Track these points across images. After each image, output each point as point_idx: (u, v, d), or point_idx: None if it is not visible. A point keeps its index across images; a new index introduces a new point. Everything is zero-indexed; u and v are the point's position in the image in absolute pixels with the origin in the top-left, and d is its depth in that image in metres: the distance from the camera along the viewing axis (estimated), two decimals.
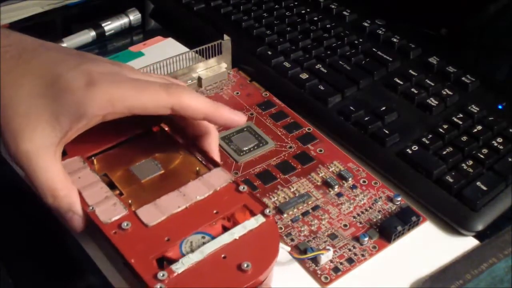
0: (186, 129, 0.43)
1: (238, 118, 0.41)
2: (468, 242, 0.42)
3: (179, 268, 0.34)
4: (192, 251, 0.36)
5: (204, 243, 0.36)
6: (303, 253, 0.40)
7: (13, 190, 0.46)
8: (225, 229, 0.38)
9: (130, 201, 0.39)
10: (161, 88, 0.38)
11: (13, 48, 0.39)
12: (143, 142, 0.43)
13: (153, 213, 0.38)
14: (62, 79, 0.37)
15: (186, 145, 0.43)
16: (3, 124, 0.37)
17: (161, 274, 0.34)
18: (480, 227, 0.42)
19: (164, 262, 0.36)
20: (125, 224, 0.37)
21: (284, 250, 0.39)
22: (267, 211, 0.38)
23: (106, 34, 0.64)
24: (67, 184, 0.38)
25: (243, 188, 0.39)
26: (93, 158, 0.41)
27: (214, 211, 0.38)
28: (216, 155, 0.42)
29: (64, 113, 0.37)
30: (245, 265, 0.34)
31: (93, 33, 0.63)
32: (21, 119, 0.37)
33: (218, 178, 0.40)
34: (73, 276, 0.41)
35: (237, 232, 0.36)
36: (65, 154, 0.43)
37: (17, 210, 0.45)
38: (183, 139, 0.44)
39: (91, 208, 0.38)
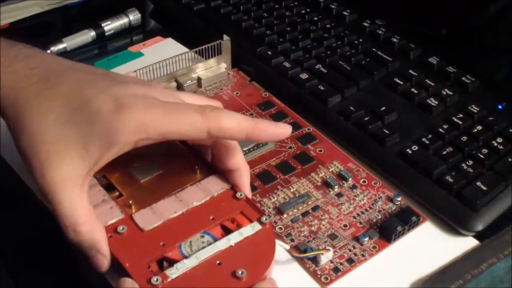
0: (216, 165, 0.41)
1: (283, 130, 0.39)
2: (468, 242, 0.42)
3: (173, 273, 0.34)
4: (192, 250, 0.36)
5: (203, 242, 0.36)
6: (303, 253, 0.40)
7: (14, 191, 0.46)
8: (224, 228, 0.38)
9: (131, 202, 0.39)
10: (196, 111, 0.36)
11: (41, 71, 0.37)
12: None
13: (149, 218, 0.38)
14: (90, 103, 0.35)
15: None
16: (30, 151, 0.35)
17: (155, 279, 0.34)
18: (480, 227, 0.42)
19: (164, 263, 0.36)
20: (121, 228, 0.37)
21: (283, 249, 0.40)
22: (263, 218, 0.38)
23: (106, 34, 0.64)
24: (91, 219, 0.36)
25: (240, 195, 0.39)
26: None
27: (211, 217, 0.38)
28: (247, 191, 0.40)
29: (94, 141, 0.35)
30: (240, 272, 0.34)
31: (93, 33, 0.63)
32: (49, 146, 0.35)
33: (215, 184, 0.40)
34: (73, 277, 0.41)
35: (233, 239, 0.37)
36: None
37: (18, 211, 0.45)
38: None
39: None
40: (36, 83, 0.37)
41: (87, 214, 0.36)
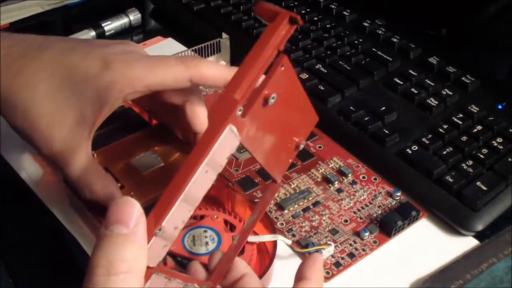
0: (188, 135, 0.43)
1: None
2: (468, 242, 0.42)
3: None
4: (194, 244, 0.36)
5: (206, 237, 0.37)
6: (305, 248, 0.40)
7: (13, 189, 0.46)
8: (227, 223, 0.38)
9: (132, 193, 0.39)
10: (177, 61, 0.37)
11: (17, 48, 0.38)
12: (143, 136, 0.44)
13: None
14: (76, 69, 0.36)
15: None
16: (28, 127, 0.36)
17: None
18: (480, 227, 0.42)
19: (167, 256, 0.36)
20: None
21: (285, 244, 0.40)
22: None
23: (106, 34, 0.64)
24: (101, 177, 0.38)
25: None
26: (93, 152, 0.42)
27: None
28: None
29: (87, 105, 0.36)
30: None
31: (93, 33, 0.63)
32: (46, 120, 0.36)
33: None
34: (72, 276, 0.41)
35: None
36: None
37: (17, 210, 0.45)
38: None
39: None
40: (15, 60, 0.37)
41: (96, 174, 0.38)
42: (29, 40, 0.39)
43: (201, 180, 0.27)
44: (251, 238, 0.37)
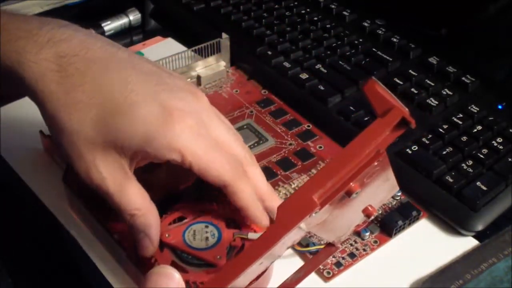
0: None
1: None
2: (468, 242, 0.42)
3: None
4: (195, 239, 0.36)
5: (206, 232, 0.37)
6: (305, 248, 0.40)
7: (13, 190, 0.46)
8: (227, 220, 0.38)
9: None
10: (230, 169, 0.36)
11: (79, 59, 0.35)
12: None
13: None
14: (136, 108, 0.34)
15: None
16: (72, 151, 0.34)
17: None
18: (480, 227, 0.42)
19: (165, 249, 0.37)
20: None
21: None
22: None
23: (106, 34, 0.64)
24: (145, 204, 0.36)
25: None
26: None
27: None
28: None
29: (132, 144, 0.34)
30: None
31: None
32: (90, 147, 0.34)
33: None
34: (72, 276, 0.41)
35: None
36: None
37: (17, 210, 0.45)
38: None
39: None
40: (72, 75, 0.34)
41: (140, 199, 0.36)
42: (94, 51, 0.36)
43: (253, 271, 0.26)
44: (251, 235, 0.38)
